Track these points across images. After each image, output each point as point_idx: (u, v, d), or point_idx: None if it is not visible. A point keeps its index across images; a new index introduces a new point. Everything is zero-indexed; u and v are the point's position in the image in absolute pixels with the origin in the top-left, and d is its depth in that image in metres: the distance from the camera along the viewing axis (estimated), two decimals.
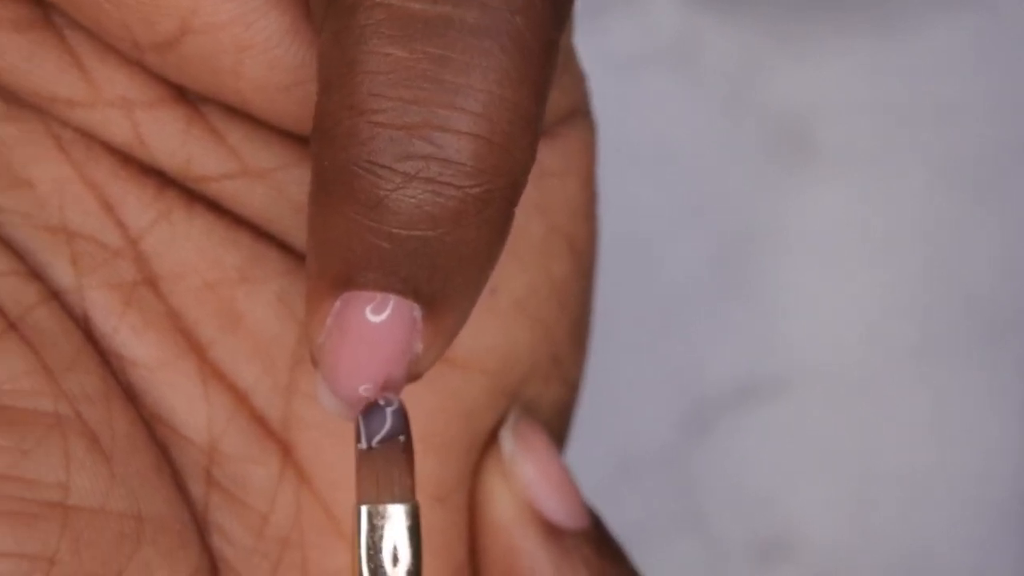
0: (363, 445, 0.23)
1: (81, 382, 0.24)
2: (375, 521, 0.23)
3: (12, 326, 0.24)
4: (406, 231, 0.22)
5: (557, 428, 0.28)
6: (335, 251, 0.22)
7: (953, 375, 0.46)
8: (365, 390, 0.23)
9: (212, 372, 0.26)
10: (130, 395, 0.25)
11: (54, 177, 0.25)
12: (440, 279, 0.22)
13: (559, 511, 0.27)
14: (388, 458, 0.23)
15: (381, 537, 0.23)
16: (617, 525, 0.28)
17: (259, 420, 0.26)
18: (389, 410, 0.23)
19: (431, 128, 0.22)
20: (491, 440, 0.27)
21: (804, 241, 0.46)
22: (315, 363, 0.23)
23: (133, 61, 0.25)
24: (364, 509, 0.23)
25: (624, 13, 0.46)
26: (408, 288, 0.22)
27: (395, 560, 0.23)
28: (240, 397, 0.26)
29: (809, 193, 0.46)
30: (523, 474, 0.27)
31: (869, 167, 0.46)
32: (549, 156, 0.27)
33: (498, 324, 0.27)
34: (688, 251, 0.46)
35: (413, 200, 0.22)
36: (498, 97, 0.22)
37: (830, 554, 0.46)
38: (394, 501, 0.23)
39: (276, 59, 0.24)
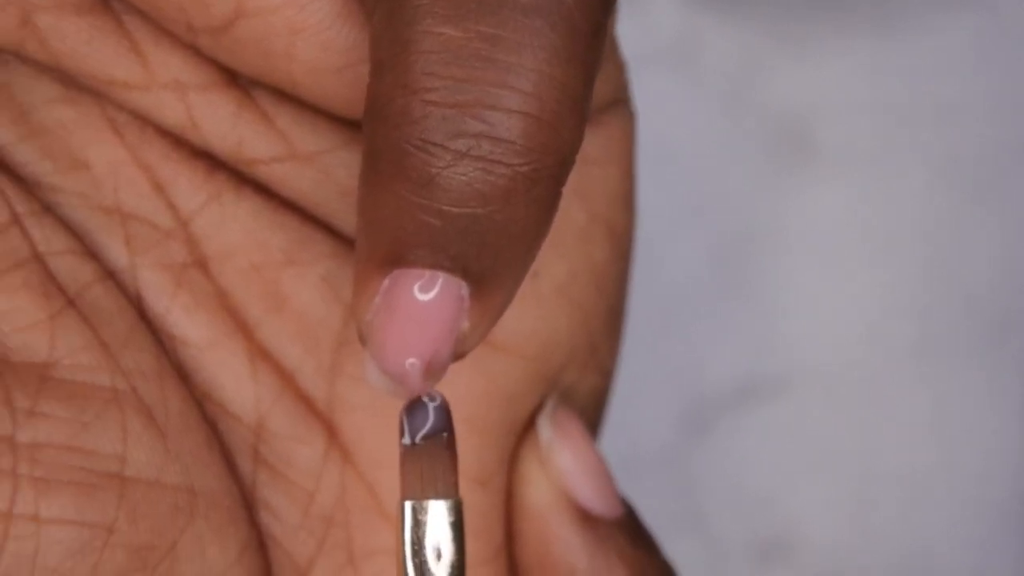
0: (407, 441, 0.23)
1: (136, 359, 0.25)
2: (419, 517, 0.23)
3: (71, 303, 0.25)
4: (457, 208, 0.22)
5: (592, 417, 0.29)
6: (385, 229, 0.22)
7: (953, 375, 0.46)
8: (411, 364, 0.23)
9: (259, 352, 0.26)
10: (181, 374, 0.26)
11: (109, 159, 0.26)
12: (488, 257, 0.22)
13: (595, 499, 0.27)
14: (432, 454, 0.23)
15: (425, 533, 0.23)
16: None
17: (304, 400, 0.26)
18: (432, 406, 0.23)
19: (482, 107, 0.22)
20: (530, 425, 0.28)
21: (804, 241, 0.46)
22: (363, 341, 0.23)
23: (187, 45, 0.25)
24: (408, 505, 0.23)
25: (624, 13, 0.46)
26: (457, 266, 0.22)
27: (439, 555, 0.23)
28: (286, 377, 0.26)
29: (809, 193, 0.46)
30: (560, 462, 0.27)
31: (869, 167, 0.46)
32: (591, 143, 0.27)
33: (539, 309, 0.27)
34: (688, 251, 0.46)
35: (464, 178, 0.22)
36: (548, 76, 0.22)
37: (830, 554, 0.46)
38: (437, 497, 0.23)
39: (328, 41, 0.24)
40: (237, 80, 0.26)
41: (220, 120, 0.26)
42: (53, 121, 0.25)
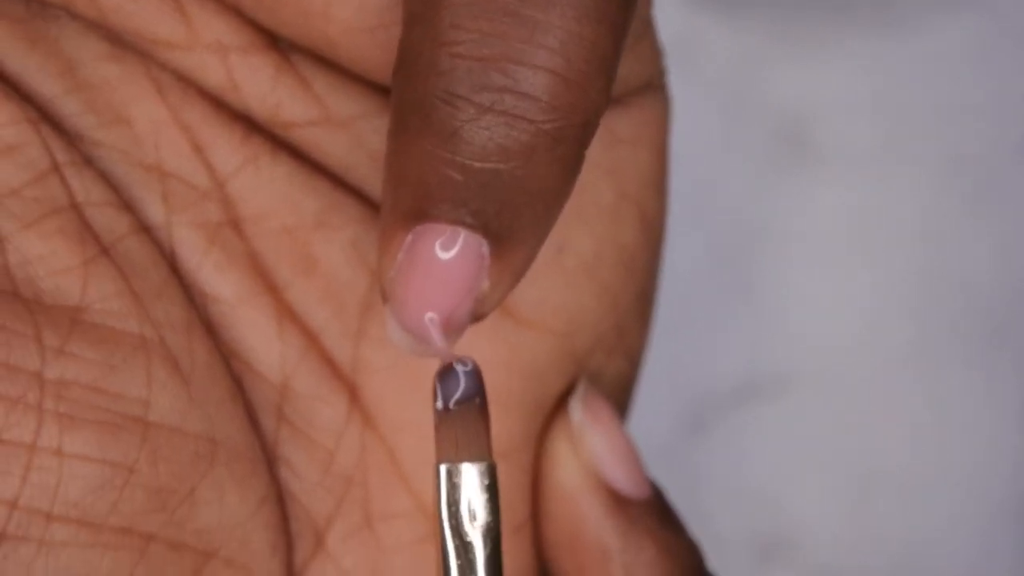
0: (440, 406, 0.24)
1: (166, 310, 0.25)
2: (454, 480, 0.24)
3: (104, 251, 0.25)
4: (479, 163, 0.22)
5: (618, 403, 0.29)
6: (409, 184, 0.22)
7: (952, 374, 0.46)
8: (430, 320, 0.23)
9: (287, 312, 0.26)
10: (210, 329, 0.26)
11: (151, 118, 0.26)
12: (509, 214, 0.22)
13: (625, 481, 0.28)
14: (465, 418, 0.24)
15: (460, 496, 0.24)
16: None
17: (328, 362, 0.27)
18: (464, 371, 0.24)
19: (508, 61, 0.22)
20: (558, 404, 0.28)
21: (804, 240, 0.46)
22: (384, 298, 0.23)
23: (230, 6, 0.25)
24: (443, 468, 0.24)
25: None
26: (478, 222, 0.22)
27: (473, 517, 0.24)
28: (312, 338, 0.27)
29: (809, 193, 0.46)
30: (591, 444, 0.27)
31: (869, 167, 0.46)
32: (622, 124, 0.27)
33: (565, 284, 0.27)
34: (688, 250, 0.46)
35: (487, 132, 0.22)
36: (576, 35, 0.22)
37: (830, 553, 0.46)
38: (471, 460, 0.24)
39: (365, 1, 0.24)
40: (277, 44, 0.26)
41: (260, 82, 0.26)
42: (99, 77, 0.26)
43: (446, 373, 0.24)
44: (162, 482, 0.25)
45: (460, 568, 0.23)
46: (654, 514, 0.28)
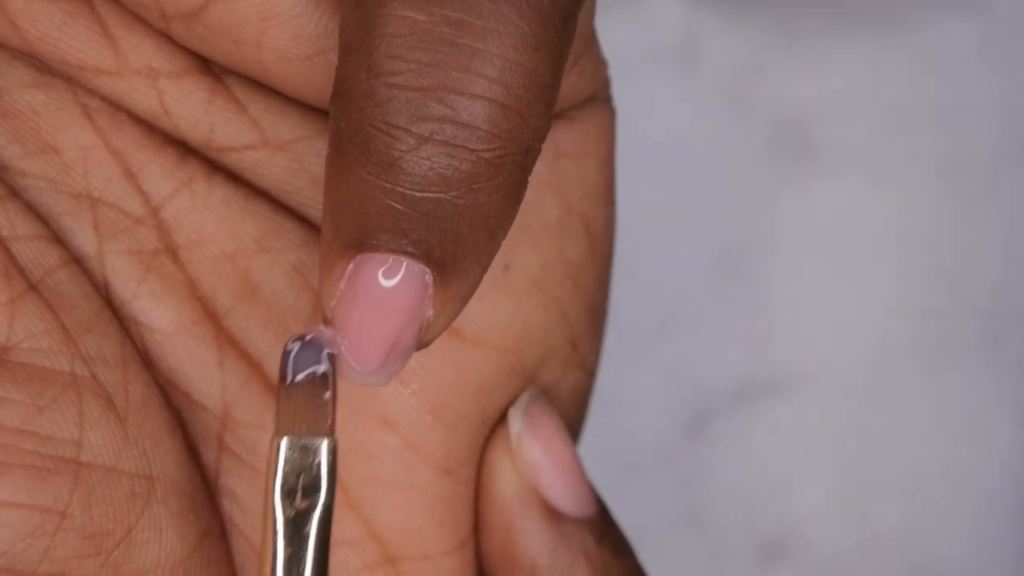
0: (287, 380, 0.23)
1: (99, 344, 0.25)
2: (290, 453, 0.23)
3: (33, 287, 0.25)
4: (419, 192, 0.22)
5: (575, 415, 0.29)
6: (349, 212, 0.22)
7: (953, 375, 0.46)
8: (373, 351, 0.23)
9: (227, 340, 0.26)
10: (147, 360, 0.26)
11: (80, 144, 0.26)
12: (451, 243, 0.22)
13: (563, 496, 0.27)
14: (306, 392, 0.23)
15: (297, 470, 0.23)
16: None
17: (272, 388, 0.26)
18: (307, 345, 0.23)
19: (446, 91, 0.22)
20: (504, 418, 0.28)
21: (804, 241, 0.46)
22: (327, 325, 0.23)
23: (160, 32, 0.25)
24: (283, 442, 0.23)
25: (624, 13, 0.46)
26: (420, 251, 0.22)
27: (308, 494, 0.23)
28: (254, 365, 0.26)
29: (809, 193, 0.46)
30: (529, 455, 0.27)
31: (869, 167, 0.46)
32: (565, 138, 0.27)
33: (511, 301, 0.27)
34: (688, 251, 0.46)
35: (427, 162, 0.22)
36: (514, 63, 0.22)
37: (830, 554, 0.46)
38: (311, 436, 0.23)
39: (298, 28, 0.24)
40: (211, 68, 0.26)
41: (192, 107, 0.26)
42: (24, 105, 0.25)
43: (293, 346, 0.23)
44: (97, 525, 0.24)
45: (289, 542, 0.23)
46: (593, 533, 0.27)
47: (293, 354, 0.23)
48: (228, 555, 0.26)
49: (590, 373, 0.28)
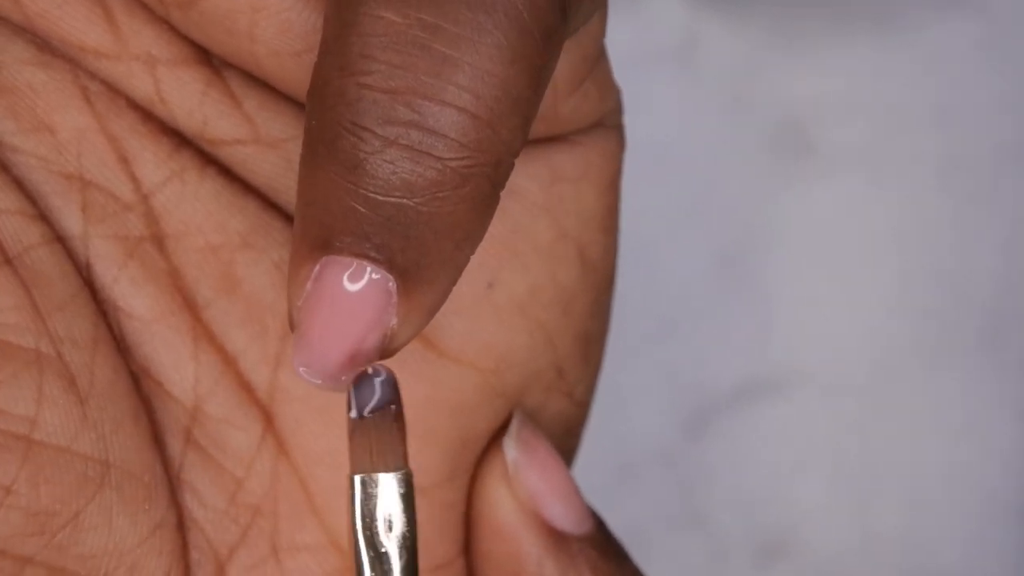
0: (354, 414, 0.23)
1: (69, 325, 0.25)
2: (369, 490, 0.23)
3: (7, 262, 0.24)
4: (382, 196, 0.22)
5: (562, 444, 0.28)
6: (316, 212, 0.22)
7: (953, 375, 0.46)
8: (335, 354, 0.23)
9: (204, 333, 0.26)
10: (122, 346, 0.25)
11: (76, 126, 0.25)
12: (415, 250, 0.22)
13: (564, 518, 0.27)
14: (380, 427, 0.23)
15: (375, 506, 0.23)
16: (617, 525, 0.28)
17: (245, 386, 0.26)
18: (378, 380, 0.23)
19: (415, 95, 0.22)
20: (489, 442, 0.27)
21: (804, 241, 0.46)
22: (292, 325, 0.23)
23: (162, 19, 0.25)
24: (358, 478, 0.23)
25: (624, 13, 0.46)
26: (383, 256, 0.22)
27: (389, 527, 0.23)
28: (229, 361, 0.26)
29: (809, 193, 0.46)
30: (527, 483, 0.27)
31: (869, 167, 0.46)
32: (565, 161, 0.27)
33: (494, 321, 0.27)
34: (688, 251, 0.46)
35: (390, 165, 0.22)
36: (487, 72, 0.22)
37: (830, 554, 0.46)
38: (387, 470, 0.23)
39: (289, 23, 0.24)
40: (210, 60, 0.26)
41: (186, 97, 0.25)
42: (22, 82, 0.25)
43: (361, 381, 0.23)
44: (43, 504, 0.24)
45: None
46: (596, 547, 0.27)
47: (361, 388, 0.23)
48: (183, 549, 0.26)
49: (579, 403, 0.28)
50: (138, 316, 0.26)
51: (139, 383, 0.26)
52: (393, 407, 0.23)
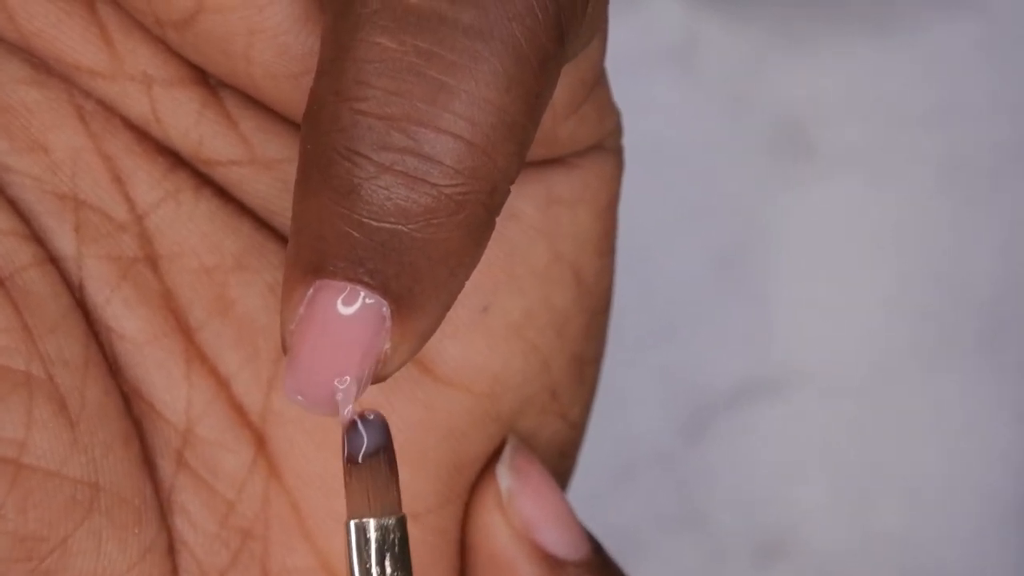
0: (349, 460, 0.23)
1: (60, 346, 0.25)
2: (366, 535, 0.23)
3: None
4: (376, 222, 0.22)
5: (556, 467, 0.28)
6: (310, 236, 0.22)
7: (953, 375, 0.46)
8: (326, 380, 0.23)
9: (197, 355, 0.26)
10: (114, 368, 0.25)
11: (70, 145, 0.25)
12: (408, 276, 0.22)
13: (560, 544, 0.27)
14: (374, 471, 0.23)
15: (371, 551, 0.23)
16: (617, 526, 0.28)
17: (237, 408, 0.26)
18: (371, 424, 0.23)
19: (411, 122, 0.21)
20: (482, 468, 0.27)
21: (804, 241, 0.46)
22: (284, 348, 0.23)
23: (158, 39, 0.25)
24: (353, 524, 0.23)
25: (624, 13, 0.46)
26: (376, 282, 0.22)
27: (383, 572, 0.23)
28: (221, 383, 0.26)
29: (809, 193, 0.46)
30: (522, 510, 0.27)
31: (869, 168, 0.46)
32: (562, 184, 0.27)
33: (489, 345, 0.27)
34: (688, 251, 0.46)
35: (385, 191, 0.22)
36: (483, 99, 0.22)
37: (829, 554, 0.46)
38: (382, 515, 0.23)
39: (286, 45, 0.24)
40: (206, 80, 0.25)
41: (182, 117, 0.25)
42: (16, 100, 0.25)
43: (352, 426, 0.23)
44: (30, 529, 0.24)
45: None
46: (593, 571, 0.27)
47: (354, 434, 0.23)
48: (173, 573, 0.26)
49: (573, 425, 0.28)
50: (130, 338, 0.25)
51: (131, 405, 0.25)
52: (384, 452, 0.23)
